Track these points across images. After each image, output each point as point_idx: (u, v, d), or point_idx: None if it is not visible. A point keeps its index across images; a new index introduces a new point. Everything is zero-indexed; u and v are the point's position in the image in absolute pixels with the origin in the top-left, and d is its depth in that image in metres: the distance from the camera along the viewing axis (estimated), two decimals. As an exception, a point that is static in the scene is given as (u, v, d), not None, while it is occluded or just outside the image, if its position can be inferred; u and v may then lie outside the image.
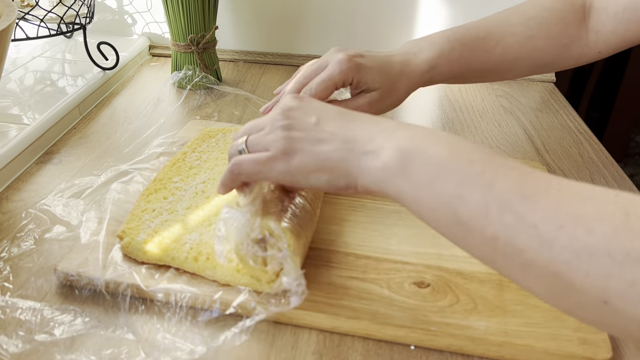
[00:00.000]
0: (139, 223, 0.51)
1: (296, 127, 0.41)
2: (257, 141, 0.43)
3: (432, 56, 0.58)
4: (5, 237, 0.54)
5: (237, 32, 1.02)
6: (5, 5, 0.60)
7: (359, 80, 0.55)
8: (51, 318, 0.44)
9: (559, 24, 0.60)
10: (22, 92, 0.79)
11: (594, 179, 0.69)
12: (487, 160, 0.35)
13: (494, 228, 0.33)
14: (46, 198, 0.59)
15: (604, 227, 0.30)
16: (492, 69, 0.62)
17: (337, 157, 0.40)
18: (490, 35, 0.60)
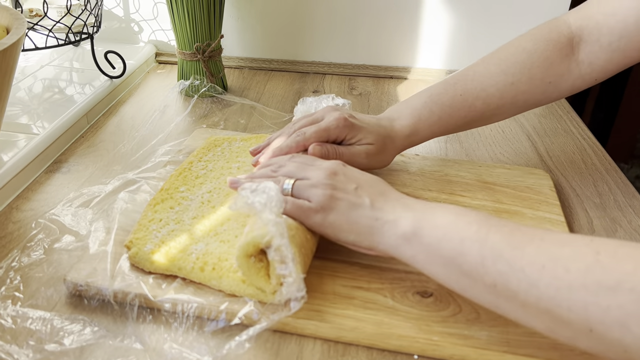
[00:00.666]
0: (146, 233, 0.52)
1: (338, 189, 0.48)
2: (303, 189, 0.49)
3: (411, 122, 0.62)
4: (16, 246, 0.55)
5: (243, 40, 1.03)
6: (15, 18, 0.61)
7: (351, 137, 0.59)
8: (61, 328, 0.45)
9: (541, 65, 0.60)
10: (31, 101, 0.80)
11: (597, 185, 0.70)
12: (482, 221, 0.42)
13: (491, 276, 0.39)
14: (55, 208, 0.60)
15: (579, 265, 0.35)
16: (475, 120, 0.63)
17: (365, 223, 0.46)
18: (469, 91, 0.61)
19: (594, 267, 0.35)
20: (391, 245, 0.45)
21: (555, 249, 0.37)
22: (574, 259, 0.36)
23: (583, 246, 0.37)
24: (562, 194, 0.68)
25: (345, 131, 0.59)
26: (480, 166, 0.69)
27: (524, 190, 0.64)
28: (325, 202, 0.47)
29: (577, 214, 0.64)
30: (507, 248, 0.39)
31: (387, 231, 0.45)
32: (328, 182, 0.48)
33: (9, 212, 0.60)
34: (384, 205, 0.47)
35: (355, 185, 0.48)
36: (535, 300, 0.37)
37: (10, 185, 0.63)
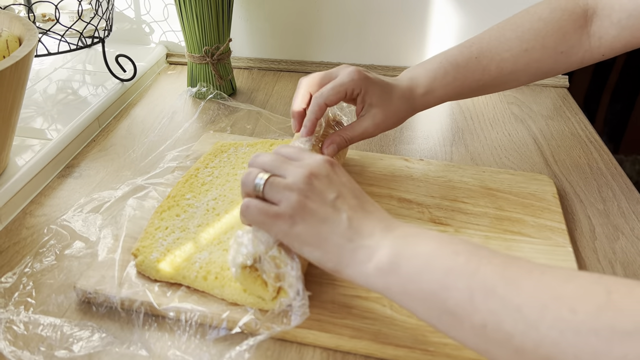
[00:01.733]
0: (152, 241, 0.54)
1: (313, 198, 0.42)
2: (274, 189, 0.43)
3: (427, 81, 0.61)
4: (29, 252, 0.57)
5: (251, 41, 1.04)
6: (27, 28, 0.63)
7: (365, 92, 0.58)
8: (70, 334, 0.47)
9: (555, 34, 0.61)
10: (45, 103, 0.82)
11: (601, 191, 0.70)
12: (471, 251, 0.37)
13: (481, 315, 0.34)
14: (66, 213, 0.62)
15: (587, 306, 0.31)
16: (489, 85, 0.63)
17: (334, 242, 0.41)
18: (484, 53, 0.62)
19: (606, 309, 0.30)
20: (362, 273, 0.40)
21: (558, 285, 0.33)
22: (582, 298, 0.31)
23: (592, 283, 0.32)
24: (565, 199, 0.68)
25: (360, 84, 0.57)
26: (484, 171, 0.70)
27: (526, 197, 0.65)
28: (295, 210, 0.42)
29: (579, 221, 0.64)
30: (501, 283, 0.34)
31: (359, 257, 0.40)
32: (303, 187, 0.42)
33: (23, 217, 0.62)
34: (362, 224, 0.42)
35: (336, 194, 0.43)
36: (534, 346, 0.32)
37: (25, 191, 0.65)
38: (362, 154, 0.73)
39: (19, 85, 0.58)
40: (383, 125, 0.60)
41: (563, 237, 0.59)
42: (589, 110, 1.71)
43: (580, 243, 0.61)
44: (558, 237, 0.58)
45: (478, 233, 0.59)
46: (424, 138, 0.81)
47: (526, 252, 0.56)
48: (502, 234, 0.59)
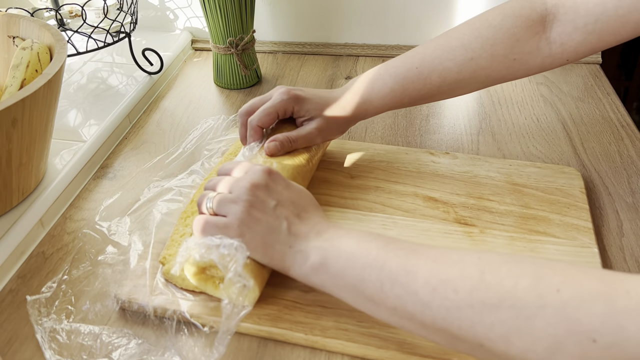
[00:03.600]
0: (177, 249, 0.55)
1: (257, 207, 0.48)
2: (222, 205, 0.49)
3: (364, 91, 0.63)
4: (68, 258, 0.60)
5: (275, 24, 1.04)
6: (56, 39, 0.64)
7: (299, 109, 0.62)
8: (109, 342, 0.50)
9: (506, 41, 0.59)
10: (76, 97, 0.84)
11: (630, 181, 0.69)
12: (382, 246, 0.44)
13: (390, 300, 0.41)
14: (97, 216, 0.65)
15: (465, 285, 0.38)
16: (431, 94, 0.63)
17: (279, 248, 0.48)
18: (425, 63, 0.61)
19: (479, 286, 0.37)
20: (302, 273, 0.47)
21: (445, 270, 0.39)
22: (462, 279, 0.38)
23: (470, 265, 0.39)
24: (593, 192, 0.68)
25: (291, 103, 0.61)
26: (511, 165, 0.69)
27: (553, 193, 0.65)
28: (241, 219, 0.48)
29: (607, 216, 0.64)
30: (402, 272, 0.41)
31: (297, 260, 0.47)
32: (247, 198, 0.48)
33: (64, 222, 0.65)
34: (299, 230, 0.48)
35: (276, 201, 0.49)
36: (431, 321, 0.39)
37: (64, 195, 0.68)
38: (388, 148, 0.74)
39: (53, 100, 0.60)
40: (326, 131, 0.63)
41: (589, 236, 0.59)
42: (620, 86, 1.66)
43: (607, 240, 0.61)
44: (584, 237, 0.59)
45: (503, 234, 0.59)
46: (451, 127, 0.81)
47: (551, 254, 0.57)
48: (527, 235, 0.59)
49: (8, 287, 0.57)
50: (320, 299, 0.52)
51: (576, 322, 0.33)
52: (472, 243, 0.58)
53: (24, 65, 0.61)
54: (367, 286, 0.43)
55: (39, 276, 0.58)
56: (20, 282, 0.58)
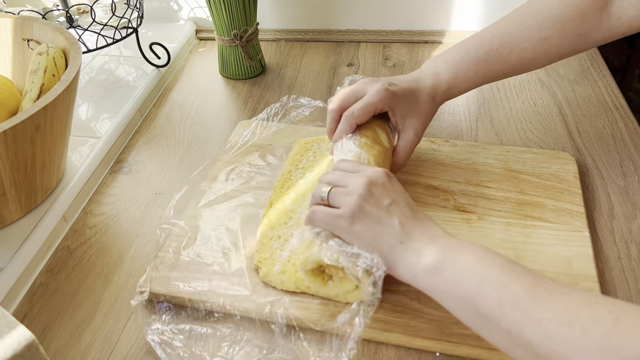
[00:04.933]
0: (270, 252, 0.58)
1: (370, 202, 0.49)
2: (336, 196, 0.51)
3: (448, 77, 0.64)
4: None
5: (278, 12, 1.05)
6: (70, 43, 0.67)
7: (394, 107, 0.62)
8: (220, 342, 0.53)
9: (575, 18, 0.61)
10: (86, 91, 0.87)
11: (623, 165, 0.72)
12: (505, 266, 0.43)
13: (507, 323, 0.40)
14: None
15: (597, 329, 0.36)
16: (508, 73, 0.66)
17: (388, 242, 0.48)
18: (504, 44, 0.63)
19: (612, 333, 0.35)
20: (410, 272, 0.47)
21: (576, 308, 0.38)
22: (593, 321, 0.37)
23: (603, 308, 0.37)
24: (586, 176, 0.71)
25: (388, 102, 0.61)
26: (508, 151, 0.73)
27: (548, 179, 0.68)
28: (353, 211, 0.49)
29: (599, 200, 0.67)
30: (527, 298, 0.40)
31: (408, 257, 0.47)
32: (362, 192, 0.49)
33: (85, 217, 0.69)
34: (412, 230, 0.48)
35: (390, 200, 0.49)
36: (548, 353, 0.38)
37: (84, 190, 0.71)
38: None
39: (71, 103, 0.63)
40: (421, 129, 0.64)
41: (581, 221, 0.62)
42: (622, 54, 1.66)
43: (598, 223, 0.64)
44: (576, 221, 0.62)
45: (500, 220, 0.63)
46: (450, 113, 0.84)
47: (544, 239, 0.60)
48: (522, 220, 0.63)
49: (38, 280, 0.62)
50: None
51: None
52: (470, 229, 0.62)
53: (42, 70, 0.64)
54: (484, 302, 0.41)
55: (65, 269, 0.63)
56: (49, 275, 0.62)
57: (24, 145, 0.56)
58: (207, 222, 0.64)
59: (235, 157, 0.74)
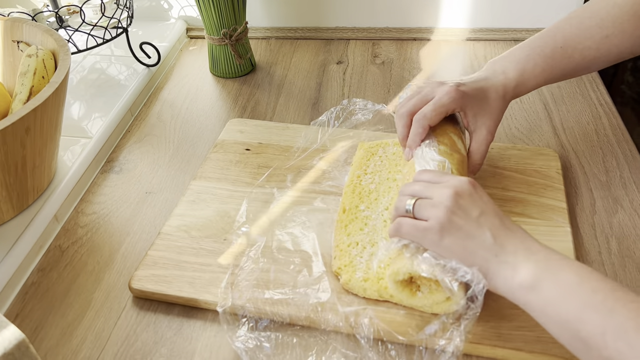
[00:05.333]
0: (350, 259, 0.58)
1: (459, 214, 0.48)
2: (422, 209, 0.50)
3: (517, 74, 0.64)
4: (90, 253, 0.65)
5: (268, 10, 1.06)
6: (59, 45, 0.68)
7: (465, 107, 0.62)
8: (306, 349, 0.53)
9: (632, 19, 0.62)
10: (78, 90, 0.88)
11: (605, 160, 0.74)
12: (609, 290, 0.41)
13: (609, 352, 0.39)
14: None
15: None
16: (571, 72, 0.66)
17: (481, 255, 0.47)
18: (568, 42, 0.64)
19: None
20: (506, 287, 0.46)
21: None
22: None
23: None
24: (570, 171, 0.72)
25: (460, 102, 0.60)
26: (493, 148, 0.74)
27: (531, 175, 0.69)
28: (442, 224, 0.47)
29: (581, 195, 0.69)
30: (633, 328, 0.38)
31: (503, 272, 0.46)
32: (449, 204, 0.48)
33: (76, 216, 0.70)
34: (506, 242, 0.47)
35: (479, 212, 0.48)
36: None
37: (75, 190, 0.72)
38: (378, 134, 0.78)
39: (61, 105, 0.64)
40: (494, 128, 0.63)
41: (563, 216, 0.64)
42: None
43: (580, 218, 0.66)
44: (558, 216, 0.64)
45: (483, 216, 0.64)
46: (437, 110, 0.85)
47: (527, 234, 0.62)
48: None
49: (30, 280, 0.63)
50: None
51: None
52: (454, 226, 0.63)
53: (31, 72, 0.65)
54: (585, 327, 0.40)
55: (57, 268, 0.64)
56: (40, 274, 0.63)
57: (14, 147, 0.57)
58: (281, 227, 0.64)
59: (300, 161, 0.73)
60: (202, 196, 0.69)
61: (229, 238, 0.63)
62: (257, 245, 0.62)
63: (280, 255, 0.61)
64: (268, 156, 0.75)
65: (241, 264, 0.60)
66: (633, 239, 0.63)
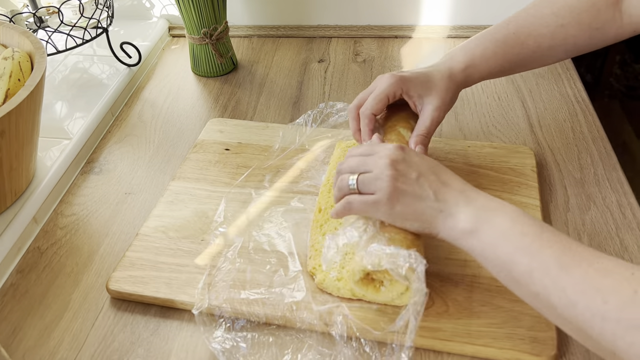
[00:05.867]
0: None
1: (401, 180, 0.51)
2: (367, 183, 0.52)
3: (466, 56, 0.65)
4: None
5: (250, 8, 1.06)
6: (36, 47, 0.68)
7: (407, 89, 0.63)
8: (282, 348, 0.54)
9: (589, 10, 0.63)
10: (59, 90, 0.88)
11: (580, 157, 0.74)
12: (537, 233, 0.46)
13: (536, 287, 0.44)
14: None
15: (617, 299, 0.39)
16: (528, 59, 0.67)
17: (429, 213, 0.51)
18: (521, 29, 0.65)
19: (629, 304, 0.39)
20: (451, 236, 0.50)
21: (598, 277, 0.41)
22: (613, 292, 0.40)
23: (624, 280, 0.40)
24: (545, 169, 0.73)
25: (399, 85, 0.62)
26: (469, 146, 0.74)
27: (506, 172, 0.70)
28: (390, 194, 0.50)
29: (555, 192, 0.70)
30: (555, 267, 0.43)
31: (448, 223, 0.50)
32: (389, 173, 0.51)
33: (56, 218, 0.71)
34: (447, 197, 0.50)
35: (417, 173, 0.51)
36: (570, 317, 0.42)
37: (55, 192, 0.73)
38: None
39: (37, 107, 0.64)
40: (443, 106, 0.64)
41: (536, 214, 0.64)
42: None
43: (553, 215, 0.67)
44: (531, 213, 0.64)
45: (458, 214, 0.65)
46: (416, 108, 0.86)
47: (500, 232, 0.63)
48: (480, 214, 0.65)
49: (9, 281, 0.63)
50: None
51: None
52: (429, 224, 0.64)
53: (7, 75, 0.65)
54: (516, 267, 0.45)
55: (36, 270, 0.64)
56: (19, 276, 0.63)
57: (-11, 150, 0.57)
58: (258, 228, 0.65)
59: (278, 161, 0.74)
60: (180, 197, 0.70)
61: (207, 239, 0.64)
62: (235, 246, 0.62)
63: (257, 255, 0.62)
64: (247, 156, 0.76)
65: (218, 265, 0.60)
66: (604, 235, 0.64)
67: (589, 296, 0.40)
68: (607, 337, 0.39)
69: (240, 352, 0.53)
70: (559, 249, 0.44)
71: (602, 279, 0.41)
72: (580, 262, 0.43)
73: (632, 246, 0.62)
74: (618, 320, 0.39)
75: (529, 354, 0.51)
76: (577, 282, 0.42)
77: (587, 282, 0.41)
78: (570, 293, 0.41)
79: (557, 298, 0.42)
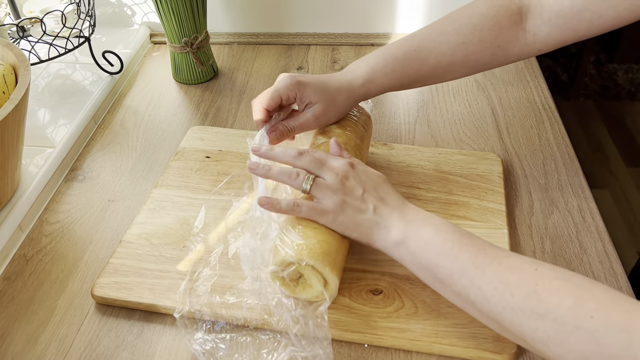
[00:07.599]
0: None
1: (348, 195, 0.56)
2: (320, 190, 0.57)
3: (366, 70, 0.68)
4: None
5: (230, 15, 1.09)
6: (20, 60, 0.70)
7: (301, 95, 0.66)
8: (259, 348, 0.57)
9: (492, 28, 0.66)
10: (44, 101, 0.90)
11: (545, 163, 0.78)
12: (457, 239, 0.52)
13: (457, 287, 0.50)
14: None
15: (521, 292, 0.46)
16: (428, 75, 0.69)
17: (367, 225, 0.56)
18: (423, 46, 0.68)
19: (531, 296, 0.45)
20: (384, 246, 0.56)
21: (506, 274, 0.48)
22: (518, 286, 0.46)
23: (528, 275, 0.47)
24: (512, 175, 0.77)
25: (293, 88, 0.65)
26: (440, 153, 0.78)
27: (474, 179, 0.74)
28: (337, 207, 0.56)
29: (520, 197, 0.74)
30: (471, 267, 0.49)
31: (382, 235, 0.55)
32: (340, 188, 0.56)
33: (41, 226, 0.73)
34: (383, 212, 0.56)
35: (362, 189, 0.57)
36: (488, 312, 0.48)
37: (39, 200, 0.75)
38: None
39: (22, 119, 0.66)
40: (323, 117, 0.67)
41: (501, 219, 0.68)
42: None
43: (518, 220, 0.71)
44: (497, 219, 0.68)
45: (428, 220, 0.68)
46: (391, 116, 0.89)
47: (467, 236, 0.66)
48: (448, 219, 0.68)
49: (-4, 288, 0.65)
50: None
51: (601, 346, 0.41)
52: (401, 229, 0.67)
53: (-8, 88, 0.67)
54: (439, 270, 0.51)
55: (22, 277, 0.66)
56: (6, 283, 0.66)
57: (-25, 163, 0.59)
58: (237, 234, 0.67)
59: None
60: (162, 204, 0.72)
61: (188, 245, 0.67)
62: (216, 252, 0.65)
63: (235, 261, 0.64)
64: (227, 163, 0.79)
65: (198, 271, 0.63)
66: (565, 239, 0.68)
67: (499, 291, 0.47)
68: (516, 326, 0.46)
69: (219, 353, 0.56)
70: (475, 251, 0.50)
71: (510, 275, 0.47)
72: (492, 261, 0.49)
73: (591, 249, 0.67)
74: (523, 310, 0.45)
75: (491, 352, 0.55)
76: (489, 280, 0.48)
77: (498, 278, 0.47)
78: (484, 290, 0.48)
79: (475, 295, 0.48)
